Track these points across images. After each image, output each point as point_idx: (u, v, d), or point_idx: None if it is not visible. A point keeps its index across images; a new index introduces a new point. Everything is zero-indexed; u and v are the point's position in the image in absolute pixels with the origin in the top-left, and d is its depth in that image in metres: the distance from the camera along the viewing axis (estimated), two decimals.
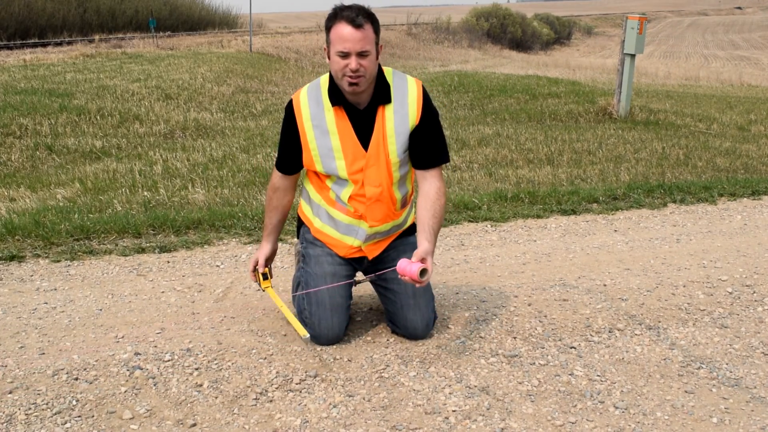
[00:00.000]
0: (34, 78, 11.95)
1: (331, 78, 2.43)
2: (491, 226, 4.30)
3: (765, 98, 14.33)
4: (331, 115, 2.43)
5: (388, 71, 2.47)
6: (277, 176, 2.65)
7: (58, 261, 3.53)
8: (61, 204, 4.96)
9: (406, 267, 2.25)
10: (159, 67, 14.55)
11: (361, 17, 2.29)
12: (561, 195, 4.95)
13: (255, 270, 2.72)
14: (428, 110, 2.46)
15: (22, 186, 5.89)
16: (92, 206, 4.80)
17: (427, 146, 2.47)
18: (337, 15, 2.32)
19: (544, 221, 4.44)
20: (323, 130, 2.44)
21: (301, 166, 2.60)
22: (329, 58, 2.37)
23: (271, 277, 2.76)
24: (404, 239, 2.67)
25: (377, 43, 2.36)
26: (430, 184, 2.47)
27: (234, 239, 3.94)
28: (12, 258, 3.53)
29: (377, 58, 2.36)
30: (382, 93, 2.42)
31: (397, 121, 2.43)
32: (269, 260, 2.74)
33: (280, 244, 3.23)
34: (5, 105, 9.12)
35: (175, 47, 20.77)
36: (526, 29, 49.46)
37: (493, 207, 4.70)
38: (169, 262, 3.56)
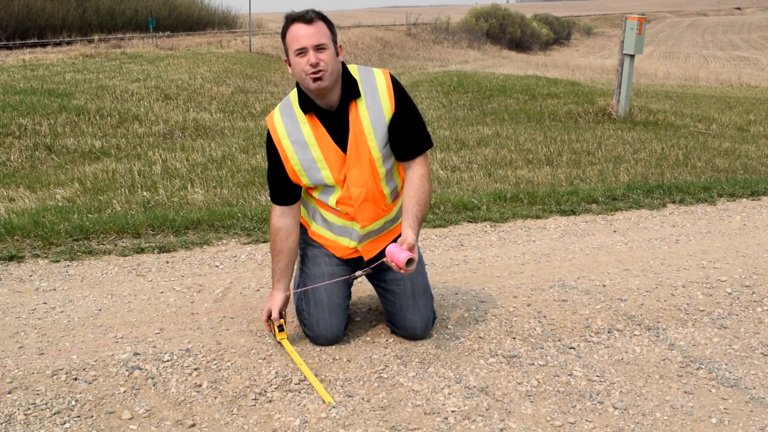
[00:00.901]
0: (33, 78, 11.94)
1: (299, 89, 2.41)
2: (490, 227, 4.30)
3: (764, 99, 14.35)
4: (306, 127, 2.41)
5: (353, 68, 2.44)
6: (276, 213, 2.53)
7: (58, 261, 3.53)
8: (60, 204, 4.96)
9: (395, 253, 2.26)
10: (158, 67, 14.55)
11: (311, 14, 2.30)
12: (560, 195, 4.95)
13: (269, 320, 2.59)
14: (401, 97, 2.42)
15: (22, 186, 5.89)
16: (91, 206, 4.80)
17: (408, 136, 2.44)
18: (288, 20, 2.33)
19: (544, 222, 4.44)
20: (302, 144, 2.41)
21: (298, 192, 2.54)
22: (291, 66, 2.35)
23: (286, 324, 2.60)
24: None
25: (335, 42, 2.35)
26: (413, 171, 2.46)
27: (233, 239, 3.94)
28: (11, 258, 3.53)
29: (338, 56, 2.34)
30: (350, 89, 2.38)
31: (372, 115, 2.39)
32: (282, 309, 2.59)
33: None
34: (4, 105, 9.11)
35: (174, 47, 20.77)
36: (526, 29, 49.54)
37: (493, 207, 4.70)
38: (168, 262, 3.56)
